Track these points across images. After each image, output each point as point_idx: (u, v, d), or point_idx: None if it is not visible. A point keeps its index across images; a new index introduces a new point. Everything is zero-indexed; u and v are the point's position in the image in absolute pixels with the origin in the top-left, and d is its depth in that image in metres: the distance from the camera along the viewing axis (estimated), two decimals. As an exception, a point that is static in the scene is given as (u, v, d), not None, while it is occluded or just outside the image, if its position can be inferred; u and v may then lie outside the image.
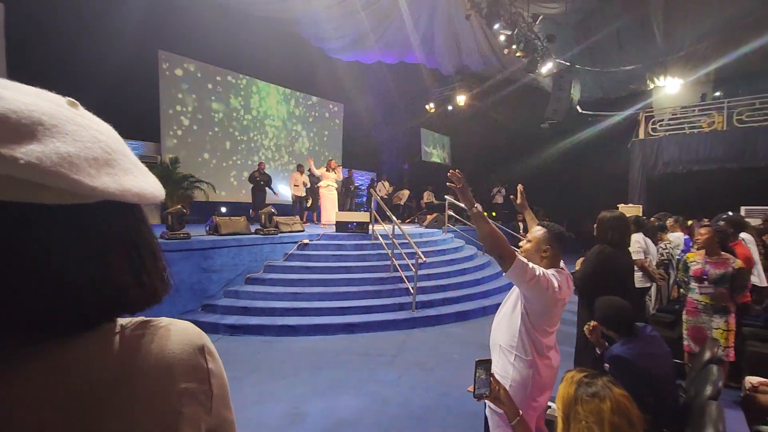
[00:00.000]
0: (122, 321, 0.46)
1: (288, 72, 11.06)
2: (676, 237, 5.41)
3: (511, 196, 2.40)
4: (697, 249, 3.37)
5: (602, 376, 1.33)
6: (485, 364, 1.55)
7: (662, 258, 4.90)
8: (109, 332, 0.44)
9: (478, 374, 1.54)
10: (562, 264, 1.90)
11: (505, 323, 1.83)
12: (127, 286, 0.44)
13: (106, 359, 0.42)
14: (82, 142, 0.39)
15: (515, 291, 1.83)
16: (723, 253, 3.18)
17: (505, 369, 1.78)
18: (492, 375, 1.58)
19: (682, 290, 3.73)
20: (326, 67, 11.41)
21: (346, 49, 10.87)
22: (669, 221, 5.74)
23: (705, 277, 3.15)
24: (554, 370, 1.82)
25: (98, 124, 0.44)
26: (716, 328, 3.10)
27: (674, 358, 3.27)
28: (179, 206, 5.23)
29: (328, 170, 8.78)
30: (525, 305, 1.74)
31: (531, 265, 1.67)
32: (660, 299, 5.22)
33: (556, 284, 1.68)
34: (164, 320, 0.50)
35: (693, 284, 3.25)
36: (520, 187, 2.29)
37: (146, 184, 0.44)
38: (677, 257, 5.05)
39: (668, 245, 5.08)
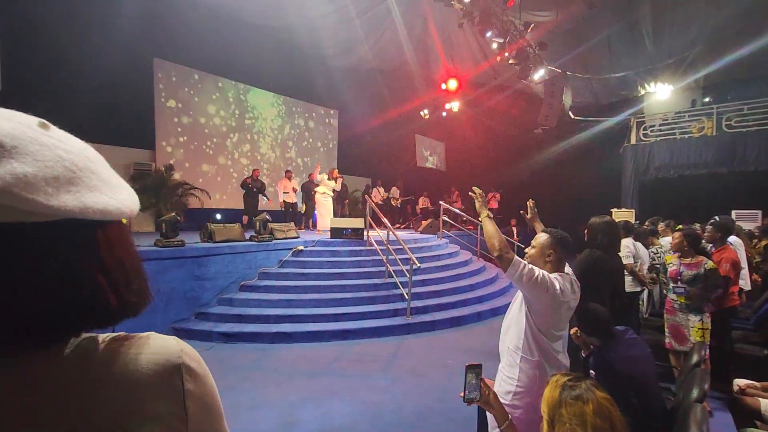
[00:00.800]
0: (100, 336, 0.46)
1: (283, 79, 11.11)
2: (668, 241, 5.43)
3: (522, 212, 2.51)
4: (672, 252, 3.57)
5: (585, 380, 1.36)
6: (475, 368, 1.58)
7: (653, 262, 4.95)
8: (77, 348, 0.44)
9: (468, 379, 1.57)
10: (567, 269, 1.94)
11: (513, 325, 1.87)
12: (95, 301, 0.44)
13: (68, 375, 0.41)
14: (43, 162, 0.40)
15: (521, 293, 1.88)
16: (698, 255, 3.34)
17: (512, 370, 1.81)
18: (482, 379, 1.61)
19: (664, 291, 3.84)
20: (321, 74, 11.47)
21: (342, 55, 10.96)
22: (660, 226, 5.80)
23: (679, 277, 3.32)
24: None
25: (67, 143, 0.44)
26: (692, 327, 3.25)
27: (664, 362, 3.34)
28: (173, 214, 5.23)
29: (329, 179, 8.84)
30: (528, 307, 1.78)
31: (530, 266, 1.72)
32: (652, 303, 5.26)
33: (557, 286, 1.72)
34: (144, 336, 0.48)
35: (671, 285, 3.44)
36: (531, 202, 2.39)
37: (114, 201, 0.44)
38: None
39: (659, 249, 5.12)
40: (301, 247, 6.36)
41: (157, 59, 8.77)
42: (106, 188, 0.45)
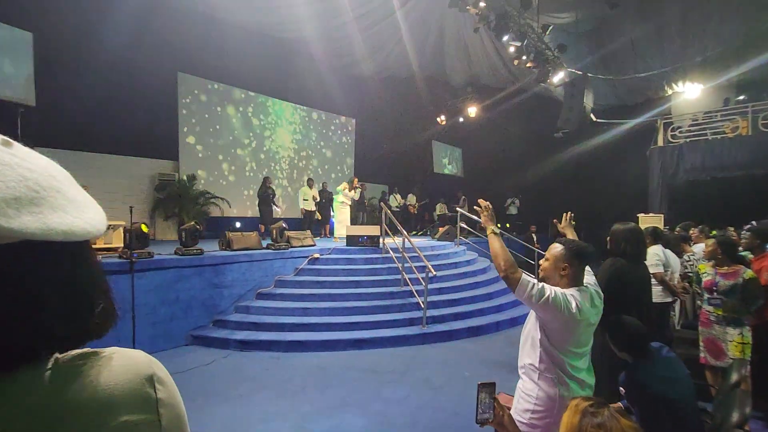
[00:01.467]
0: (63, 355, 0.45)
1: (301, 89, 11.29)
2: (701, 248, 5.14)
3: (554, 220, 2.48)
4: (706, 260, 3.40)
5: (609, 406, 1.25)
6: (488, 387, 1.50)
7: (686, 271, 4.67)
8: (41, 370, 0.42)
9: (480, 398, 1.49)
10: (589, 277, 1.82)
11: (529, 342, 1.78)
12: (56, 324, 0.43)
13: (35, 398, 0.40)
14: (4, 182, 0.39)
15: None
16: (734, 264, 3.13)
17: (530, 388, 1.71)
18: (495, 399, 1.52)
19: (698, 302, 3.61)
20: (339, 84, 11.59)
21: (358, 64, 11.05)
22: (693, 231, 5.50)
23: (715, 288, 3.12)
24: (588, 392, 1.71)
25: (31, 162, 0.43)
26: (731, 341, 3.04)
27: (700, 380, 3.11)
28: (193, 223, 5.34)
29: (350, 189, 8.88)
30: (542, 325, 1.68)
31: (540, 285, 1.62)
32: (685, 314, 4.96)
33: (573, 305, 1.60)
34: (108, 351, 0.48)
35: (705, 296, 3.24)
36: (569, 214, 2.33)
37: (79, 221, 0.43)
38: (703, 269, 4.82)
39: (692, 257, 4.84)
40: (317, 255, 6.37)
41: (181, 73, 9.06)
42: (71, 207, 0.43)
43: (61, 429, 0.40)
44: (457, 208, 8.95)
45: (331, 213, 9.39)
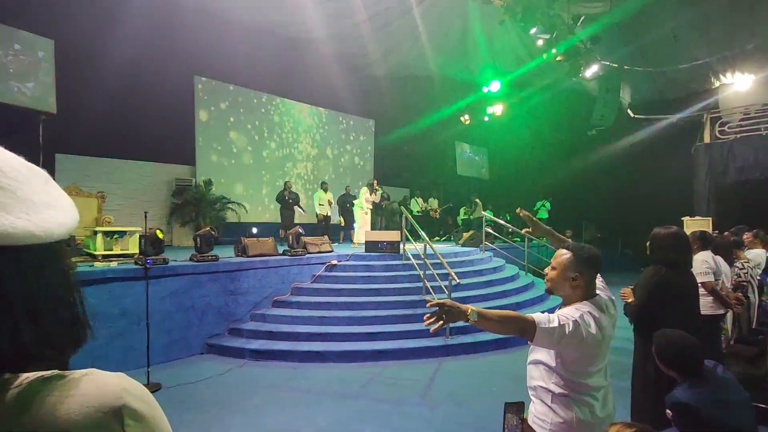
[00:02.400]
0: (22, 376, 0.39)
1: (318, 90, 11.21)
2: (756, 254, 4.69)
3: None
4: None
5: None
6: (515, 407, 1.37)
7: (740, 279, 4.21)
8: None
9: (507, 419, 1.38)
10: (599, 281, 1.64)
11: (541, 367, 1.62)
12: None
13: None
14: None
15: None
16: None
17: (544, 413, 1.56)
18: (524, 420, 1.37)
19: None
20: (357, 84, 11.49)
21: (377, 64, 10.92)
22: (746, 236, 5.01)
23: None
24: (607, 412, 1.54)
25: None
26: None
27: (760, 402, 2.69)
28: (208, 228, 5.33)
29: (371, 193, 8.76)
30: (558, 353, 1.51)
31: (556, 322, 1.43)
32: (739, 328, 4.46)
33: (593, 325, 1.44)
34: (79, 374, 0.41)
35: None
36: (521, 212, 2.13)
37: (18, 222, 0.38)
38: (758, 278, 4.34)
39: (746, 264, 4.37)
40: (334, 261, 6.23)
41: (197, 76, 9.15)
42: (13, 206, 0.39)
43: None
44: (485, 213, 8.61)
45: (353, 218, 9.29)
